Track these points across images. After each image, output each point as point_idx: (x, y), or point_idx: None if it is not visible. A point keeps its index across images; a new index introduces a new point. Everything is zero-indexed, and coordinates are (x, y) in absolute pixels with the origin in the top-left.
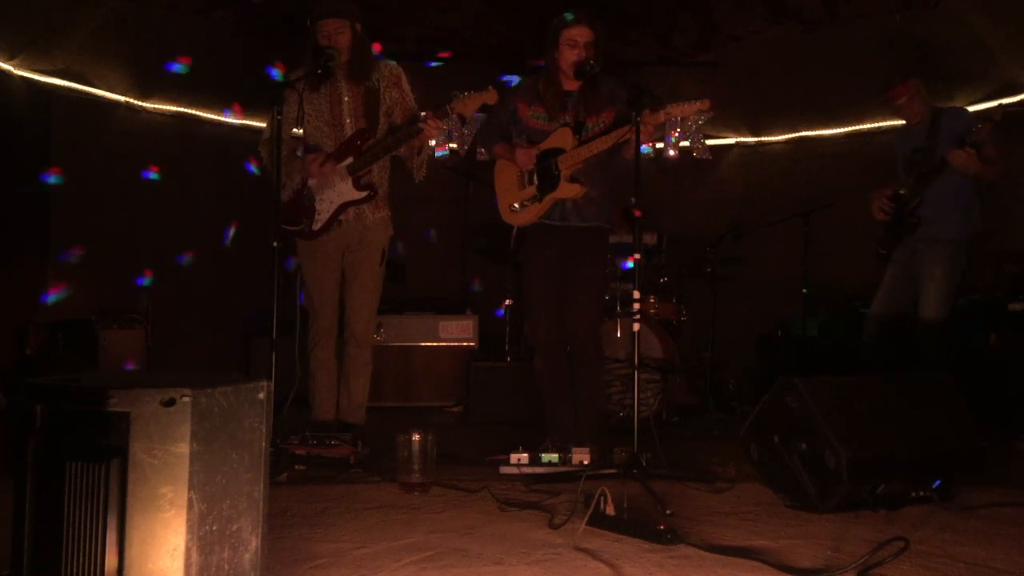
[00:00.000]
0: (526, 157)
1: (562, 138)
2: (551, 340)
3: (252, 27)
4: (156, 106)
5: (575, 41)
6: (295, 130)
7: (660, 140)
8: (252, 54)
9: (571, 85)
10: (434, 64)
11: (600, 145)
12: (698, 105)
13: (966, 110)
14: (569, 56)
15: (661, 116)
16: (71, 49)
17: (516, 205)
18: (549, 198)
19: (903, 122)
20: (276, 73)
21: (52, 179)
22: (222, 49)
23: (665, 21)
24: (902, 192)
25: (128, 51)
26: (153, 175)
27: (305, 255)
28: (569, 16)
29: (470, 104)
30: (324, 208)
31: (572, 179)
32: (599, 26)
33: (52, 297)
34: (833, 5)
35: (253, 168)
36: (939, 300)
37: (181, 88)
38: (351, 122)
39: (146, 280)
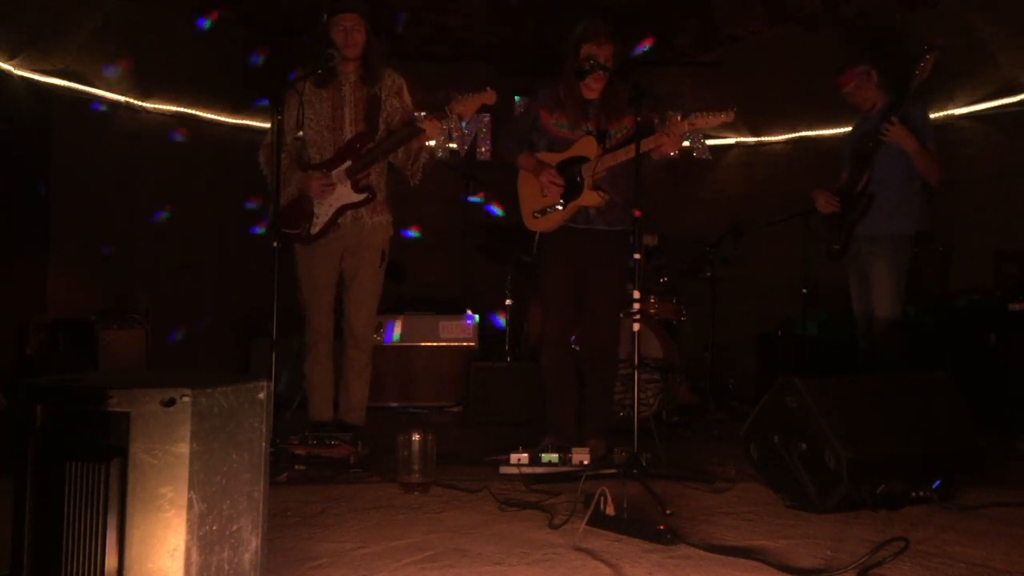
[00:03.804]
0: (553, 189)
1: (586, 147)
2: (562, 341)
3: (252, 27)
4: (156, 106)
5: (596, 59)
6: (299, 133)
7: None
8: (252, 54)
9: (591, 93)
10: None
11: (624, 155)
12: (723, 117)
13: (918, 103)
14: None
15: (685, 126)
16: (71, 49)
17: (539, 212)
18: (572, 205)
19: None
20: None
21: (52, 179)
22: (222, 49)
23: (665, 21)
24: (843, 183)
25: (128, 51)
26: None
27: (302, 258)
28: (590, 30)
29: (469, 105)
30: (323, 211)
31: (595, 187)
32: (619, 40)
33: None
34: (833, 5)
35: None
36: (890, 299)
37: (181, 88)
38: (351, 127)
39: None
